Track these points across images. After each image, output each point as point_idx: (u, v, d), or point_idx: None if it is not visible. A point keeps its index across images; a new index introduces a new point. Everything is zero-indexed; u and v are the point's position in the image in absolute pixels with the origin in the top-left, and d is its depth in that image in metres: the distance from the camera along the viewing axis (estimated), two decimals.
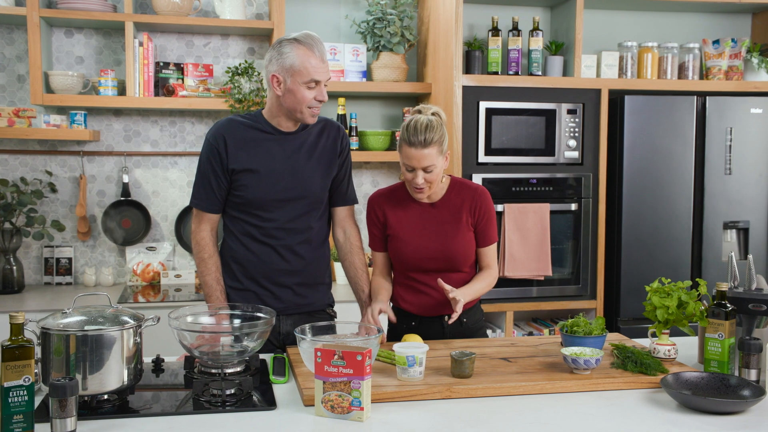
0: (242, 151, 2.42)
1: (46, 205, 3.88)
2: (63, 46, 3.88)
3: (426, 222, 2.50)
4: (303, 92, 2.34)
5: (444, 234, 2.49)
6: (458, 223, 2.50)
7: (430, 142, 2.35)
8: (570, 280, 3.95)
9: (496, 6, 4.12)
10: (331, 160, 2.52)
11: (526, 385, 2.02)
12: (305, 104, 2.36)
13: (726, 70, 4.16)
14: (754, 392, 1.93)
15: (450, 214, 2.51)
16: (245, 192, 2.42)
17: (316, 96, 2.36)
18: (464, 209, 2.51)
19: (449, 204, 2.52)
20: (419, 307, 2.54)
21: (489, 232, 2.53)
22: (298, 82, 2.33)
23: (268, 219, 2.45)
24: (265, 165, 2.42)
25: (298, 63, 2.32)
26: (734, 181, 4.02)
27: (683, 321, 2.22)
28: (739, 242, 4.11)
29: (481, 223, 2.52)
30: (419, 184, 2.39)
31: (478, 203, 2.51)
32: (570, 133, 3.87)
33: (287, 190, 2.44)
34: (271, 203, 2.43)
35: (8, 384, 1.61)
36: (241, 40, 4.07)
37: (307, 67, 2.32)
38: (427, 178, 2.39)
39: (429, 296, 2.52)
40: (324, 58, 2.35)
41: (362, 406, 1.80)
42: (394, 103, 4.26)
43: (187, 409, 1.88)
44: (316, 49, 2.33)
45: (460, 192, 2.53)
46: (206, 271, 2.45)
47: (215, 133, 2.44)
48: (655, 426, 1.80)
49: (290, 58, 2.32)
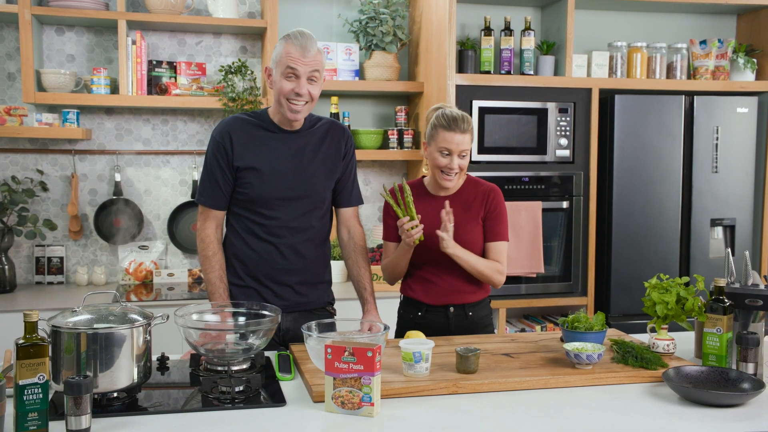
0: (247, 149, 2.43)
1: (37, 204, 3.86)
2: (54, 44, 3.85)
3: (439, 214, 2.55)
4: (282, 83, 2.36)
5: (455, 226, 2.53)
6: (469, 216, 2.58)
7: (467, 129, 2.51)
8: (561, 277, 3.99)
9: (488, 6, 4.15)
10: (335, 161, 2.54)
11: (530, 380, 2.05)
12: (283, 95, 2.37)
13: (713, 70, 4.23)
14: (754, 385, 1.97)
15: (462, 208, 2.58)
16: (249, 190, 2.44)
17: (294, 88, 2.36)
18: (476, 204, 2.59)
19: (462, 198, 2.60)
20: (426, 296, 2.61)
21: (497, 228, 2.59)
22: (279, 72, 2.37)
23: (271, 217, 2.46)
24: (270, 163, 2.44)
25: (280, 54, 2.37)
26: (721, 179, 4.09)
27: (682, 316, 2.26)
28: (726, 239, 4.18)
29: (490, 218, 2.59)
30: (454, 168, 2.50)
31: (489, 198, 2.60)
32: (561, 131, 3.91)
33: (291, 189, 2.45)
34: (274, 201, 2.45)
35: (23, 382, 1.61)
36: (234, 38, 4.07)
37: (284, 57, 2.35)
38: (461, 164, 2.51)
39: (436, 285, 2.59)
40: (306, 51, 2.34)
41: (372, 402, 1.82)
42: (387, 102, 4.28)
43: (196, 406, 1.89)
44: (298, 42, 2.34)
45: (474, 188, 2.63)
46: (210, 268, 2.46)
47: (221, 130, 2.46)
48: (658, 419, 1.83)
49: (276, 50, 2.40)
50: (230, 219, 2.54)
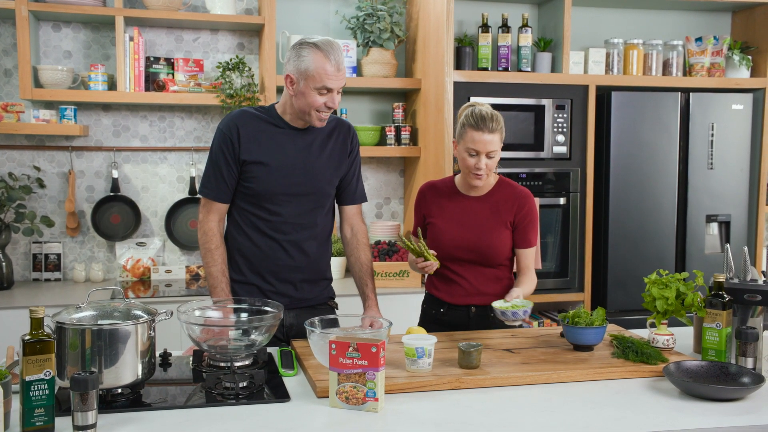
0: (254, 143, 2.44)
1: (34, 200, 3.85)
2: (50, 40, 3.84)
3: (466, 214, 2.57)
4: (314, 97, 2.35)
5: (481, 228, 2.55)
6: (497, 219, 2.57)
7: (496, 129, 2.47)
8: (558, 273, 4.01)
9: (486, 2, 4.16)
10: (341, 158, 2.55)
11: (533, 375, 2.07)
12: (314, 108, 2.37)
13: (708, 67, 4.25)
14: (754, 379, 1.99)
15: (491, 211, 2.58)
16: (255, 184, 2.44)
17: (326, 102, 2.37)
18: (506, 208, 2.58)
19: (492, 200, 2.59)
20: (449, 295, 2.62)
21: (529, 235, 2.59)
22: (311, 86, 2.34)
23: (276, 213, 2.46)
24: (276, 158, 2.44)
25: (313, 68, 2.32)
26: (716, 175, 4.11)
27: (681, 312, 2.28)
28: (721, 235, 4.21)
29: (521, 225, 2.58)
30: (481, 168, 2.47)
31: (520, 204, 2.58)
32: (558, 128, 3.93)
33: (297, 185, 2.46)
34: (280, 197, 2.45)
35: (30, 378, 1.61)
36: (231, 35, 4.07)
37: (321, 74, 2.32)
38: (489, 165, 2.49)
39: (459, 285, 2.60)
40: (340, 67, 2.34)
41: (377, 397, 1.83)
42: (384, 99, 4.28)
43: (201, 402, 1.90)
44: (333, 57, 2.32)
45: (506, 191, 2.61)
46: (212, 262, 2.45)
47: (228, 123, 2.46)
48: (660, 413, 1.85)
49: (306, 61, 2.33)
50: (234, 214, 2.53)
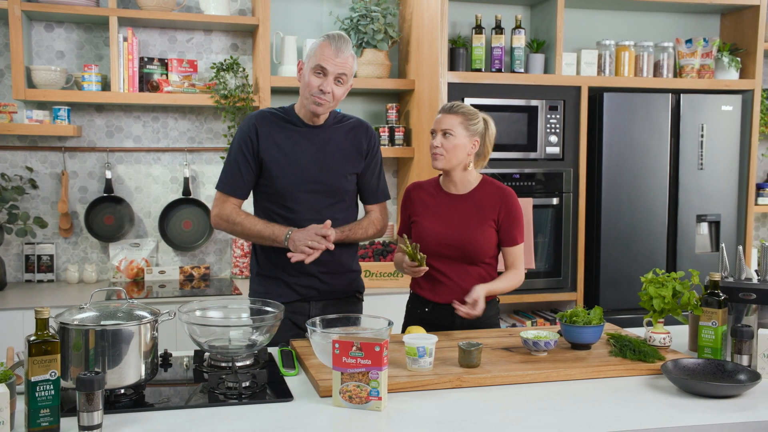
0: (273, 141, 2.53)
1: (26, 201, 3.83)
2: (43, 40, 3.82)
3: (450, 212, 2.59)
4: (310, 78, 2.45)
5: (464, 226, 2.56)
6: (481, 217, 2.58)
7: (455, 111, 2.55)
8: (551, 272, 4.04)
9: (479, 4, 4.18)
10: (356, 156, 2.61)
11: (532, 374, 2.08)
12: (309, 90, 2.46)
13: (698, 69, 4.29)
14: (750, 377, 2.02)
15: (474, 209, 2.60)
16: (273, 182, 2.53)
17: (320, 85, 2.44)
18: (489, 206, 2.59)
19: (476, 199, 2.61)
20: (433, 293, 2.63)
21: (513, 233, 2.60)
22: (309, 67, 2.46)
23: (294, 210, 2.54)
24: (293, 156, 2.52)
25: (314, 50, 2.47)
26: (706, 175, 4.16)
27: (678, 310, 2.30)
28: (711, 235, 4.26)
29: (506, 223, 2.59)
30: (435, 145, 2.53)
31: (503, 202, 2.59)
32: (551, 129, 3.96)
33: (313, 182, 2.53)
34: (298, 193, 2.53)
35: (35, 378, 1.61)
36: (224, 35, 4.06)
37: (318, 54, 2.44)
38: (444, 144, 2.53)
39: (443, 284, 2.61)
40: (339, 53, 2.43)
41: (380, 396, 1.84)
42: (378, 100, 4.29)
43: (203, 402, 1.90)
44: (335, 43, 2.44)
45: (489, 189, 2.63)
46: (251, 223, 2.51)
47: (248, 122, 2.57)
48: (659, 410, 1.87)
49: (311, 46, 2.49)
50: (257, 211, 2.63)
